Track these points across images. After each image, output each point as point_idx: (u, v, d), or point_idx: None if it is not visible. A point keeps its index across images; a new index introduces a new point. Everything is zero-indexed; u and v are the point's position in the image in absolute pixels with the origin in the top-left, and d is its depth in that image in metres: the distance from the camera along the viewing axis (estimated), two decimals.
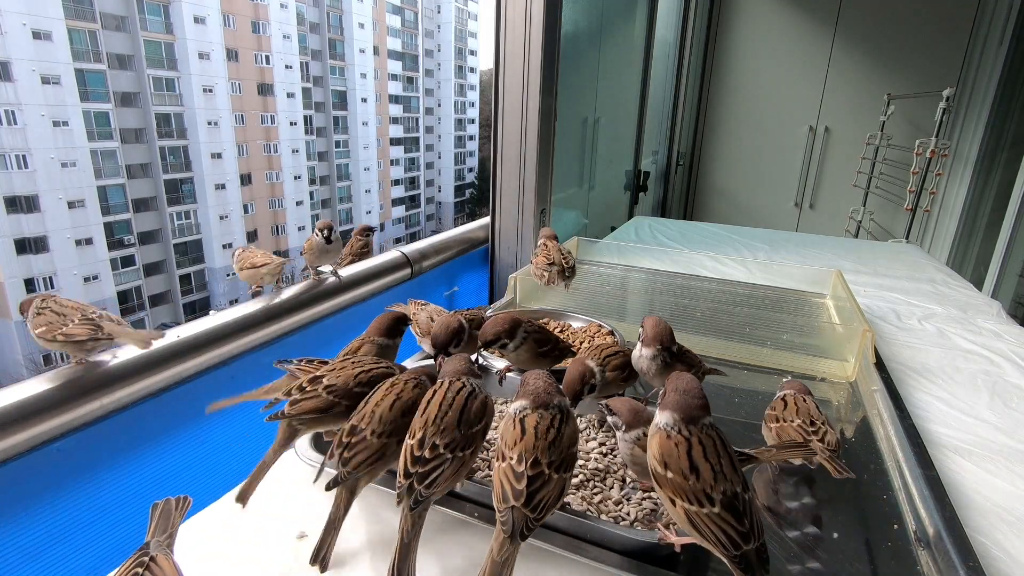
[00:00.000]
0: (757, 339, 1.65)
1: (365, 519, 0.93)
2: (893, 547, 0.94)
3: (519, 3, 2.05)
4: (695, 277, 2.34)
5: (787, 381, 1.20)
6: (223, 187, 28.45)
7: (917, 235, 4.48)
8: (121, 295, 25.00)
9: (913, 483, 1.05)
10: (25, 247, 22.26)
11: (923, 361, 1.69)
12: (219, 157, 28.23)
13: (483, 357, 1.34)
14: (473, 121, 45.72)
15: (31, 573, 1.03)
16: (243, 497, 0.90)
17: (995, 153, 4.26)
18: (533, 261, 1.74)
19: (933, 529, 0.93)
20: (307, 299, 1.57)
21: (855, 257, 2.87)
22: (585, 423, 1.16)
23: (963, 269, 4.29)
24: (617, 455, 1.06)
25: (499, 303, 1.84)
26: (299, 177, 32.49)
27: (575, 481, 0.98)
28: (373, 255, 1.92)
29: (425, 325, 1.36)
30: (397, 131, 39.44)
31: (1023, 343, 1.83)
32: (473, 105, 45.86)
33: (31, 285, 22.05)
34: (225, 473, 1.34)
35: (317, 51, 33.88)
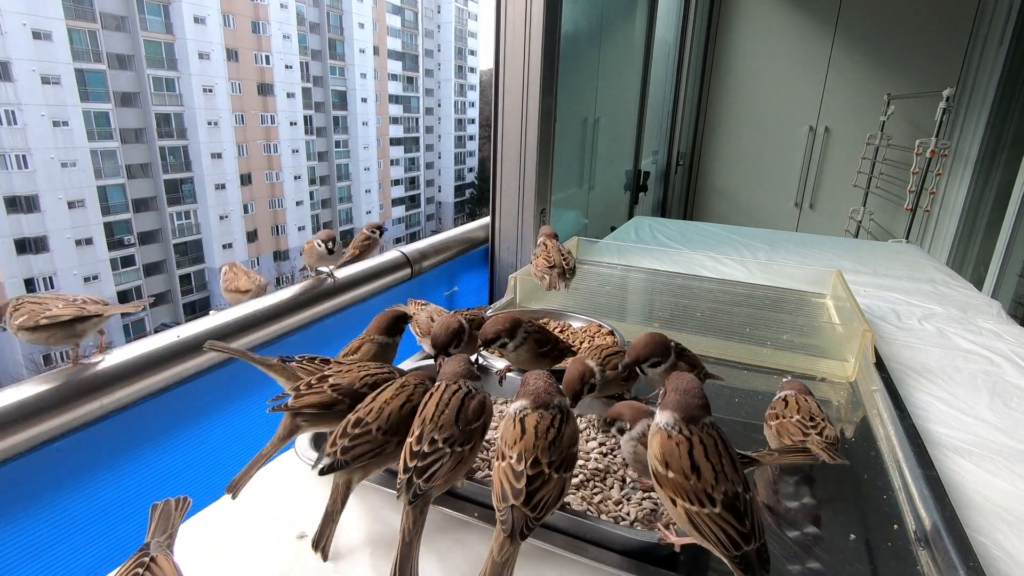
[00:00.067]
0: (757, 339, 1.65)
1: (366, 519, 0.94)
2: (893, 547, 0.94)
3: (519, 3, 2.05)
4: (695, 277, 2.34)
5: (787, 381, 1.20)
6: (223, 187, 28.45)
7: (917, 235, 4.48)
8: (121, 295, 24.98)
9: (913, 483, 1.05)
10: (25, 247, 22.26)
11: (923, 361, 1.69)
12: (219, 157, 28.22)
13: (483, 357, 1.34)
14: (473, 121, 45.68)
15: (31, 573, 1.03)
16: (234, 488, 0.87)
17: (995, 153, 4.27)
18: (533, 262, 1.74)
19: (933, 529, 0.93)
20: (307, 299, 1.58)
21: (855, 257, 2.87)
22: (585, 423, 1.16)
23: (963, 269, 4.29)
24: (617, 455, 1.06)
25: (499, 303, 1.84)
26: (299, 177, 32.49)
27: (575, 481, 0.98)
28: (376, 250, 1.92)
29: (425, 325, 1.36)
30: (397, 131, 39.43)
31: (1023, 343, 1.83)
32: (473, 105, 45.83)
33: (31, 285, 22.04)
34: (225, 473, 1.32)
35: (317, 51, 33.88)
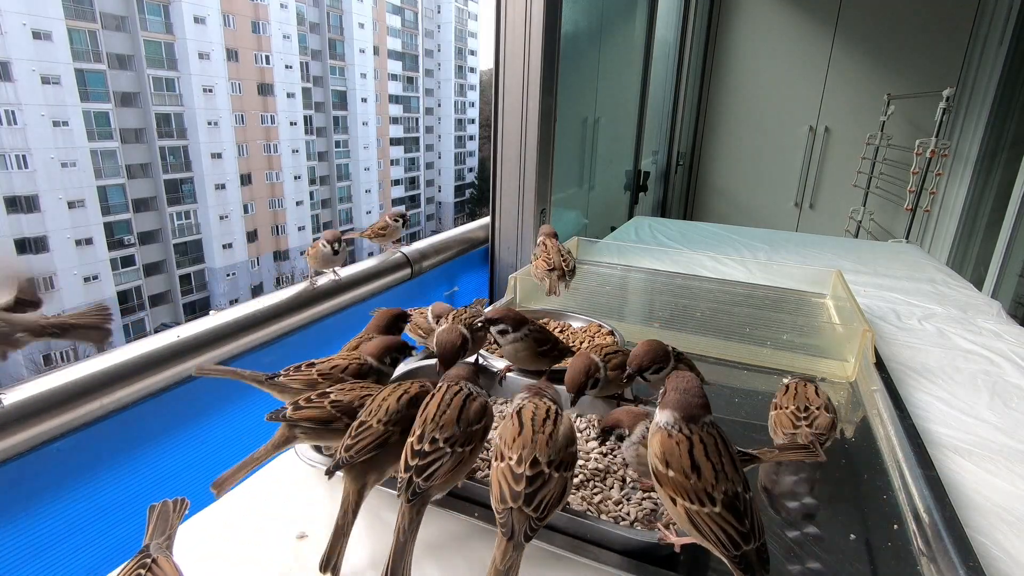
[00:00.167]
0: (757, 339, 1.65)
1: (367, 519, 0.93)
2: (893, 547, 0.94)
3: (519, 3, 2.05)
4: (695, 277, 2.34)
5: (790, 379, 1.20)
6: (223, 187, 28.43)
7: (917, 235, 4.48)
8: (121, 295, 24.97)
9: (913, 483, 1.05)
10: (25, 247, 22.22)
11: (923, 361, 1.69)
12: (219, 157, 28.20)
13: (483, 357, 1.34)
14: (473, 121, 45.67)
15: (31, 573, 1.03)
16: (219, 486, 0.83)
17: (995, 153, 4.27)
18: (533, 263, 1.74)
19: (933, 529, 0.93)
20: (307, 299, 1.58)
21: (855, 257, 2.87)
22: (585, 423, 1.16)
23: (963, 269, 4.30)
24: (617, 455, 1.06)
25: (499, 303, 1.84)
26: (299, 177, 32.46)
27: (575, 481, 0.98)
28: (393, 237, 1.88)
29: (426, 326, 1.37)
30: (397, 131, 39.42)
31: (1023, 343, 1.83)
32: (473, 105, 45.82)
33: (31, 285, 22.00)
34: None
35: (317, 51, 33.86)
